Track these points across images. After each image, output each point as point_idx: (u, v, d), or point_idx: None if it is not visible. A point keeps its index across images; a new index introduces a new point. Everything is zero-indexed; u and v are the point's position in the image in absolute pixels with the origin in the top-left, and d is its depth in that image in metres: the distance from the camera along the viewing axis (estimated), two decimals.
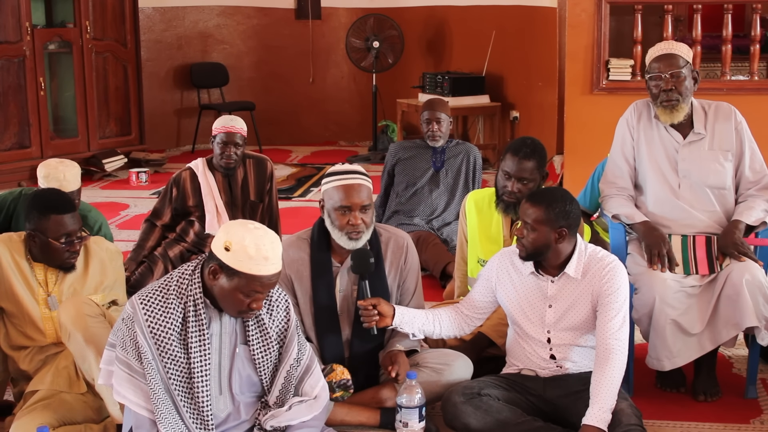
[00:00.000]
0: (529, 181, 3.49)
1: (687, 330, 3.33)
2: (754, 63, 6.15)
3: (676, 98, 3.48)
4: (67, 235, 3.14)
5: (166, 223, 4.62)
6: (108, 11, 7.95)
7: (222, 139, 4.51)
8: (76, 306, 3.03)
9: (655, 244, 3.41)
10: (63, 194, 3.27)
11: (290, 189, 7.37)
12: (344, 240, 3.19)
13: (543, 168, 3.54)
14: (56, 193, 3.28)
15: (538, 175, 3.51)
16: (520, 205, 3.44)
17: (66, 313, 3.01)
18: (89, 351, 2.96)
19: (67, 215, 3.14)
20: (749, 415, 3.37)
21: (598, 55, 6.14)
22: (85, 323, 2.98)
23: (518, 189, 3.49)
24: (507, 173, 3.51)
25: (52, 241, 3.13)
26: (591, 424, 2.90)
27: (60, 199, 3.21)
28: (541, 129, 7.22)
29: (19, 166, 7.27)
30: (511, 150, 3.52)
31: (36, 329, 3.17)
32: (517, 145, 3.53)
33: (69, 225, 3.14)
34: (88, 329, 2.97)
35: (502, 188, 3.55)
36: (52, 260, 3.18)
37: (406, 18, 8.86)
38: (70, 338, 3.00)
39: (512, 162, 3.49)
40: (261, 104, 9.07)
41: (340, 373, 3.11)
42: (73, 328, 2.97)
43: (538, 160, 3.50)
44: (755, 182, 3.53)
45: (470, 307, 3.30)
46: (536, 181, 3.51)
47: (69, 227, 3.14)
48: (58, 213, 3.13)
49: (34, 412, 2.97)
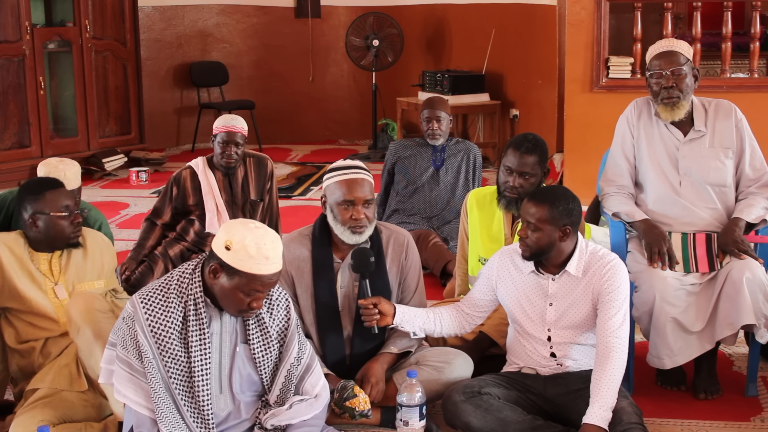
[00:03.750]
0: (530, 176, 3.49)
1: (687, 328, 3.33)
2: (753, 60, 6.16)
3: (677, 95, 3.48)
4: (67, 207, 3.22)
5: (167, 222, 4.61)
6: (107, 10, 7.94)
7: (223, 139, 4.51)
8: (86, 301, 3.05)
9: (655, 242, 3.40)
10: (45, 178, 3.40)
11: (290, 188, 7.37)
12: (347, 235, 3.19)
13: (544, 163, 3.53)
14: (44, 177, 3.45)
15: (539, 170, 3.50)
16: (521, 200, 3.45)
17: (75, 308, 3.02)
18: (97, 346, 2.96)
19: (62, 189, 3.27)
20: (750, 413, 3.37)
21: (598, 53, 6.15)
22: (95, 318, 3.00)
23: (520, 184, 3.48)
24: (509, 168, 3.50)
25: (54, 215, 3.20)
26: (592, 423, 2.89)
27: (49, 179, 3.35)
28: (541, 127, 7.21)
29: (19, 166, 7.27)
30: (512, 145, 3.52)
31: (49, 320, 3.18)
32: (518, 140, 3.53)
33: (66, 197, 3.25)
34: (97, 324, 2.99)
35: (503, 184, 3.54)
36: (59, 239, 3.23)
37: (405, 16, 8.86)
38: (79, 333, 3.01)
39: (514, 157, 3.48)
40: (261, 103, 9.07)
41: (363, 402, 3.05)
42: (83, 322, 2.99)
43: (540, 155, 3.50)
44: (756, 180, 3.53)
45: (471, 306, 3.30)
46: (538, 176, 3.50)
47: (66, 200, 3.24)
48: (52, 188, 3.25)
49: (35, 409, 2.97)
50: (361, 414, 3.05)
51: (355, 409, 3.04)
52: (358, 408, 3.04)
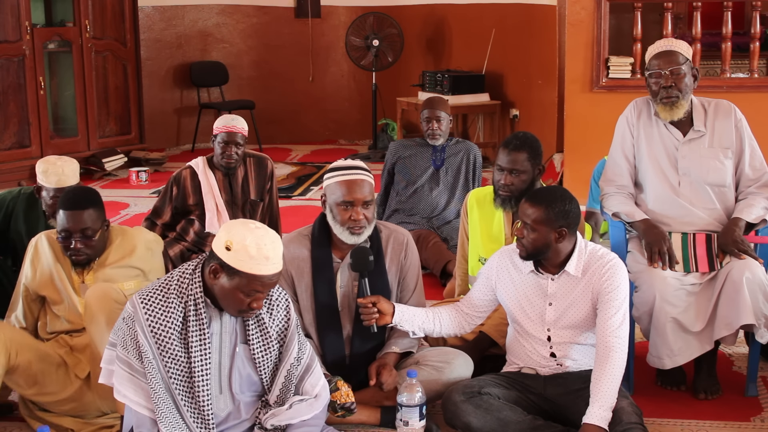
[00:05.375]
0: (521, 173, 3.51)
1: (687, 328, 3.33)
2: (753, 60, 6.16)
3: (676, 95, 3.48)
4: (64, 232, 3.21)
5: (167, 221, 4.61)
6: (107, 10, 7.94)
7: (223, 139, 4.51)
8: (104, 289, 3.10)
9: (655, 241, 3.40)
10: (78, 191, 3.32)
11: (290, 188, 7.37)
12: (346, 235, 3.20)
13: (536, 160, 3.55)
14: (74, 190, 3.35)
15: (530, 167, 3.53)
16: (516, 199, 3.48)
17: (93, 295, 3.08)
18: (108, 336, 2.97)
19: (68, 212, 3.20)
20: (750, 413, 3.37)
21: (597, 53, 6.15)
22: (110, 307, 3.04)
23: (511, 181, 3.52)
24: (500, 167, 3.56)
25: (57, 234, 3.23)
26: (591, 423, 2.89)
27: (70, 195, 3.27)
28: (541, 127, 7.22)
29: (18, 166, 7.26)
30: (502, 144, 3.59)
31: (76, 314, 3.25)
32: (508, 138, 3.60)
33: (67, 222, 3.20)
34: (111, 313, 3.02)
35: (497, 183, 3.59)
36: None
37: (405, 16, 8.86)
38: (93, 320, 3.05)
39: (503, 154, 3.54)
40: (261, 103, 9.07)
41: (345, 395, 3.04)
42: (98, 309, 3.04)
43: (529, 151, 3.53)
44: (755, 180, 3.53)
45: (470, 306, 3.30)
46: (529, 172, 3.53)
47: (66, 224, 3.20)
48: (63, 208, 3.22)
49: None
50: (343, 407, 3.03)
51: (336, 402, 3.03)
52: (340, 401, 3.03)
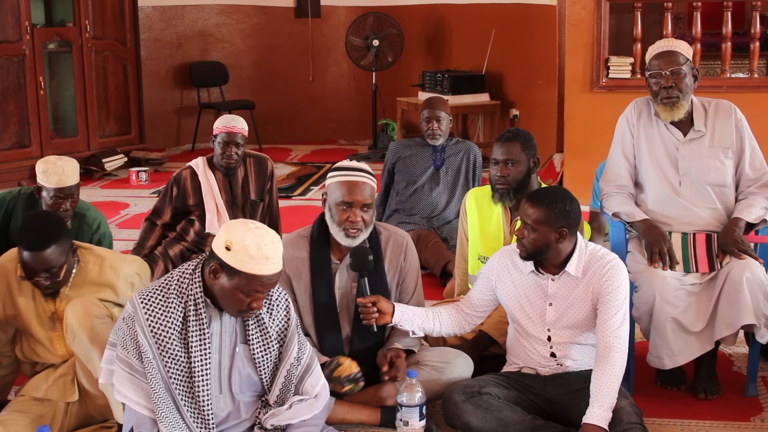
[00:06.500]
0: (514, 163, 3.57)
1: (687, 328, 3.33)
2: (753, 60, 6.16)
3: (676, 95, 3.48)
4: (28, 271, 3.01)
5: (167, 222, 4.61)
6: (107, 10, 7.94)
7: (223, 139, 4.51)
8: (84, 306, 3.00)
9: (655, 242, 3.40)
10: (39, 228, 3.01)
11: (290, 188, 7.36)
12: (341, 236, 3.20)
13: (530, 150, 3.62)
14: (35, 226, 3.03)
15: (524, 157, 3.59)
16: (514, 191, 3.52)
17: (73, 313, 2.98)
18: (94, 352, 2.95)
19: (30, 253, 2.96)
20: (750, 413, 3.37)
21: (597, 53, 6.15)
22: (91, 323, 2.96)
23: (506, 173, 3.58)
24: (495, 160, 3.63)
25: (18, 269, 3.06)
26: (592, 423, 2.89)
27: (31, 232, 3.00)
28: (541, 127, 7.22)
29: (18, 166, 7.27)
30: (495, 140, 3.67)
31: (46, 350, 3.15)
32: (500, 134, 3.68)
33: (29, 262, 2.98)
34: (93, 329, 2.95)
35: (493, 177, 3.65)
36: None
37: (405, 16, 8.86)
38: (75, 338, 2.98)
39: (497, 147, 3.62)
40: (261, 103, 9.06)
41: (348, 367, 3.08)
42: (79, 328, 2.96)
43: (522, 142, 3.60)
44: (755, 180, 3.53)
45: (470, 306, 3.31)
46: (524, 162, 3.59)
47: (29, 264, 2.98)
48: (24, 248, 2.98)
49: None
50: (349, 379, 3.06)
51: (341, 376, 3.06)
52: (344, 373, 3.06)
